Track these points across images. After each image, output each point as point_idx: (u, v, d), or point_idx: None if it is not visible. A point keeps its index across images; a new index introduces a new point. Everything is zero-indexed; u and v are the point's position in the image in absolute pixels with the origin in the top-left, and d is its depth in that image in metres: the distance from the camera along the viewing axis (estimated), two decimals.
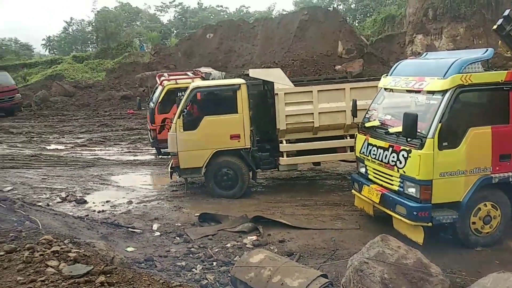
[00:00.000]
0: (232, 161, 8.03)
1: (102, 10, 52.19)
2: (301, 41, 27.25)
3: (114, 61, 33.76)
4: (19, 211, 5.89)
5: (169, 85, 11.94)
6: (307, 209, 7.32)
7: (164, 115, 11.51)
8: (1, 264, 3.41)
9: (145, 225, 6.68)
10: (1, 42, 71.46)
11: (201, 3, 69.65)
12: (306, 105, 7.95)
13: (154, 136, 11.83)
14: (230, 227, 6.44)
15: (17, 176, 10.07)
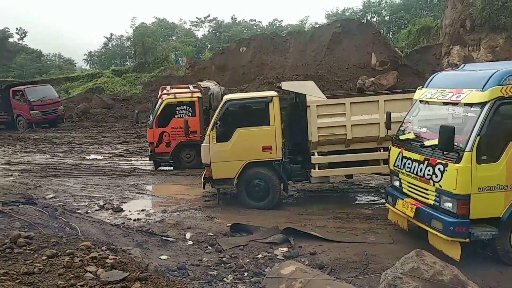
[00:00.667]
0: (263, 172, 8.08)
1: (140, 26, 54.14)
2: (333, 53, 27.17)
3: (151, 75, 34.84)
4: (60, 218, 6.16)
5: (167, 99, 12.31)
6: (339, 222, 7.24)
7: (162, 129, 12.11)
8: (43, 268, 3.55)
9: (179, 234, 6.80)
10: (46, 57, 75.54)
11: (234, 17, 70.92)
12: (339, 117, 7.92)
13: (152, 149, 12.26)
14: (262, 238, 6.46)
15: (59, 184, 10.52)
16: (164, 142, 12.17)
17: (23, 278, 3.36)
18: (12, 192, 8.65)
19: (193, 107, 12.20)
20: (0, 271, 3.41)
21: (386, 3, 51.68)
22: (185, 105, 12.23)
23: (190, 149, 12.24)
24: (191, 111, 12.20)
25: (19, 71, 61.18)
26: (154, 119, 12.23)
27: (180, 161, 12.43)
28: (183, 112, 12.22)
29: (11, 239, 4.12)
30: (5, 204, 6.45)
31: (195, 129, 11.93)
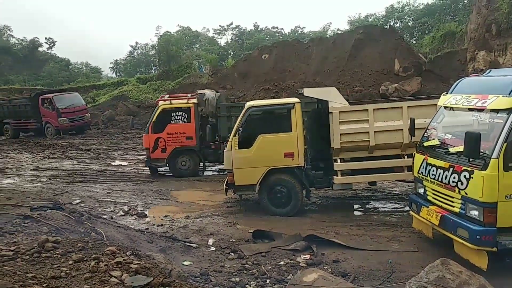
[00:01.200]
0: (286, 179, 8.07)
1: (165, 34, 55.13)
2: (356, 60, 26.97)
3: (175, 82, 35.39)
4: (86, 223, 6.31)
5: (163, 105, 12.40)
6: (362, 229, 7.15)
7: (157, 135, 12.18)
8: (70, 272, 3.63)
9: (201, 240, 6.85)
10: (74, 65, 77.84)
11: (257, 25, 71.34)
12: (362, 124, 7.85)
13: (147, 155, 12.36)
14: (284, 245, 6.44)
15: (85, 190, 10.79)
16: (159, 148, 12.24)
17: (50, 282, 3.42)
18: (40, 197, 8.92)
19: (188, 113, 12.25)
20: (28, 274, 3.49)
21: (409, 8, 50.99)
22: (181, 111, 12.31)
23: (185, 156, 12.37)
24: (187, 117, 12.27)
25: (48, 79, 63.29)
26: (149, 125, 12.38)
27: (176, 167, 12.49)
28: (178, 118, 12.30)
29: (39, 243, 4.23)
30: (34, 209, 6.66)
31: (191, 135, 12.20)
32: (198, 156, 12.46)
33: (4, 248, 4.17)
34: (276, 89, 23.11)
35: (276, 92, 22.34)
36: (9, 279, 3.30)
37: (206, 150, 12.51)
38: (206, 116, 12.61)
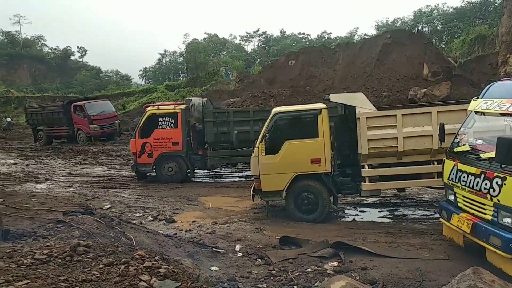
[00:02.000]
0: (312, 185, 8.03)
1: (192, 42, 56.07)
2: (384, 65, 26.62)
3: (202, 89, 35.89)
4: (116, 227, 6.44)
5: (150, 110, 12.56)
6: (391, 236, 7.01)
7: (144, 140, 12.35)
8: (100, 276, 3.70)
9: (228, 245, 6.87)
10: (104, 73, 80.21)
11: (283, 31, 71.59)
12: (390, 130, 7.73)
13: (134, 160, 12.50)
14: (311, 251, 6.39)
15: (115, 195, 11.04)
16: (146, 153, 12.38)
17: (82, 285, 3.50)
18: (72, 202, 9.18)
19: (175, 118, 12.34)
20: (61, 278, 3.57)
21: (438, 12, 49.99)
22: (168, 117, 12.42)
23: (172, 161, 12.48)
24: (174, 123, 12.37)
25: (79, 87, 65.44)
26: (136, 130, 12.56)
27: (162, 173, 12.57)
28: (165, 124, 12.42)
29: (71, 247, 4.33)
30: (66, 214, 6.86)
31: (177, 141, 12.28)
32: (185, 162, 12.56)
33: (38, 251, 4.30)
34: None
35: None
36: (42, 282, 3.39)
37: (193, 156, 12.64)
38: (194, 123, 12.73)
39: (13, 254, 4.21)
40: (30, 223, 6.32)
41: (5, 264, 3.82)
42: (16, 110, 42.68)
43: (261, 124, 11.57)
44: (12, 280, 3.35)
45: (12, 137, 29.05)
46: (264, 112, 12.35)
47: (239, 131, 11.77)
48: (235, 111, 13.04)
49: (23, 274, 3.54)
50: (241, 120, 12.29)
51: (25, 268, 3.74)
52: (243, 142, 11.96)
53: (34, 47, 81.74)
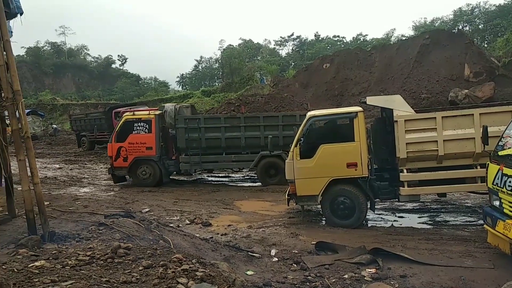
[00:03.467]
0: (349, 189, 7.89)
1: (228, 48, 56.81)
2: (422, 66, 25.85)
3: (237, 94, 36.16)
4: (154, 230, 6.59)
5: (126, 116, 13.09)
6: (432, 243, 6.76)
7: (120, 144, 12.79)
8: (140, 278, 3.79)
9: (264, 250, 6.85)
10: (143, 80, 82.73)
11: (318, 34, 71.10)
12: (429, 133, 7.47)
13: (111, 163, 12.88)
14: (348, 257, 6.26)
15: (154, 199, 11.30)
16: (121, 156, 12.78)
17: (123, 286, 3.61)
18: (113, 205, 9.51)
19: (149, 124, 12.75)
20: (103, 279, 3.70)
21: (479, 10, 48.00)
22: (142, 122, 12.84)
23: (145, 165, 12.86)
24: (148, 128, 12.77)
25: (120, 94, 67.79)
26: (113, 135, 13.03)
27: (137, 176, 12.94)
28: (140, 129, 12.82)
29: (112, 249, 4.49)
30: (107, 217, 7.10)
31: (151, 145, 12.66)
32: (158, 166, 12.88)
33: (81, 253, 4.47)
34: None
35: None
36: (86, 282, 3.53)
37: (167, 161, 12.99)
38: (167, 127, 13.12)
39: (58, 255, 4.40)
40: (74, 225, 6.60)
41: (51, 264, 3.99)
42: (61, 117, 44.75)
43: (232, 130, 12.45)
44: (58, 280, 3.50)
45: (58, 143, 30.42)
46: (234, 119, 12.90)
47: (209, 138, 12.51)
48: (206, 118, 13.38)
49: (68, 274, 3.68)
50: (212, 126, 12.61)
51: (69, 269, 3.88)
52: (213, 149, 12.62)
53: (78, 57, 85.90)
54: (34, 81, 73.98)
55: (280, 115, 12.92)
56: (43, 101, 48.52)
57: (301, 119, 11.65)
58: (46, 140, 31.48)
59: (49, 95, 54.38)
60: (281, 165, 11.82)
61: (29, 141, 5.83)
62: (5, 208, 7.29)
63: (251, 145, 12.55)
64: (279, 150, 12.17)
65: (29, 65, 74.08)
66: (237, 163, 12.94)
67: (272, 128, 12.34)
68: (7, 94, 5.69)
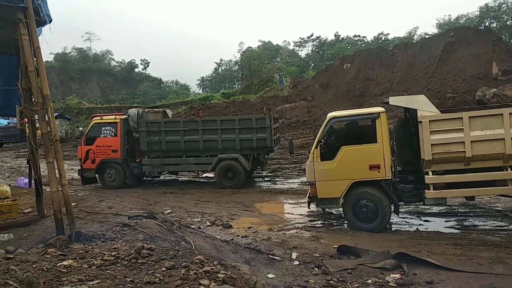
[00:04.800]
0: (371, 192, 7.73)
1: (247, 50, 57.02)
2: (447, 65, 25.24)
3: (257, 96, 36.19)
4: (176, 232, 6.65)
5: (95, 120, 13.72)
6: (460, 249, 6.55)
7: (88, 147, 13.45)
8: (163, 278, 3.80)
9: (284, 253, 6.79)
10: (165, 84, 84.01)
11: (338, 34, 70.50)
12: (456, 133, 7.23)
13: (80, 165, 13.53)
14: (371, 262, 6.12)
15: (175, 200, 11.39)
16: (90, 159, 13.40)
17: (146, 287, 3.62)
18: (136, 207, 9.63)
19: (115, 128, 13.39)
20: (127, 279, 3.73)
21: (507, 6, 46.57)
22: (109, 126, 13.44)
23: (111, 168, 13.43)
24: (114, 132, 13.39)
25: (143, 97, 69.00)
26: (82, 138, 13.86)
27: (104, 179, 13.44)
28: (107, 132, 13.47)
29: (136, 250, 4.53)
30: (131, 218, 7.22)
31: (116, 148, 13.21)
32: (123, 169, 13.40)
33: (107, 253, 4.54)
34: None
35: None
36: (111, 282, 3.57)
37: (132, 164, 13.52)
38: (132, 131, 13.61)
39: (85, 255, 4.49)
40: (99, 226, 6.74)
41: (78, 264, 4.07)
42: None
43: (191, 134, 12.83)
44: (85, 280, 3.56)
45: None
46: (193, 122, 13.37)
47: (169, 141, 12.95)
48: (166, 121, 13.71)
49: (94, 274, 3.74)
50: (171, 130, 13.03)
51: (95, 269, 3.95)
52: (174, 151, 13.05)
53: (103, 61, 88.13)
54: (62, 86, 76.29)
55: (237, 119, 13.22)
56: (70, 105, 49.85)
57: (257, 122, 12.49)
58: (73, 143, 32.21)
59: (75, 99, 55.85)
60: (238, 168, 12.66)
61: (58, 144, 6.02)
62: (34, 208, 7.52)
63: (209, 148, 12.93)
64: (236, 153, 12.62)
65: (57, 71, 76.53)
66: (196, 165, 13.32)
67: (229, 131, 12.67)
68: (37, 99, 5.87)
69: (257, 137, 12.45)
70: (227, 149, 12.71)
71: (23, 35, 5.71)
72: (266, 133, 12.39)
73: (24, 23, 5.69)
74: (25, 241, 5.93)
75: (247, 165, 12.63)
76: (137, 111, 13.55)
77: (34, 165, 6.54)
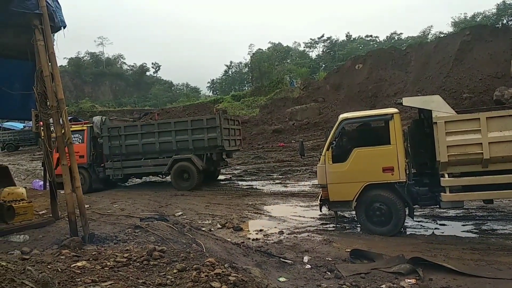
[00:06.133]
0: (385, 195, 7.57)
1: (257, 52, 57.10)
2: (463, 64, 24.84)
3: (267, 98, 36.18)
4: (187, 234, 6.61)
5: None
6: (478, 253, 6.35)
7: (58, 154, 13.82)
8: (174, 281, 3.77)
9: (296, 256, 6.69)
10: (176, 87, 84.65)
11: (349, 34, 70.14)
12: (473, 134, 7.04)
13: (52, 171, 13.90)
14: (385, 266, 5.98)
15: (186, 202, 11.38)
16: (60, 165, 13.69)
17: None
18: (148, 209, 9.64)
19: (82, 134, 14.25)
20: (139, 280, 3.73)
21: None
22: (77, 133, 14.06)
23: (78, 173, 13.42)
24: (81, 138, 14.18)
25: (154, 100, 69.67)
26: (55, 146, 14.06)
27: None
28: (75, 139, 13.74)
29: (147, 252, 4.53)
30: (142, 219, 7.22)
31: (83, 154, 13.94)
32: (89, 173, 14.18)
33: (119, 255, 4.55)
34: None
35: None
36: (124, 283, 3.57)
37: (97, 168, 14.28)
38: (96, 137, 14.31)
39: (98, 256, 4.51)
40: (112, 227, 6.77)
41: (91, 265, 4.09)
42: None
43: (148, 137, 13.52)
44: (98, 281, 3.58)
45: None
46: (149, 125, 14.16)
47: (128, 144, 13.61)
48: (126, 126, 14.32)
49: (107, 275, 3.75)
50: (130, 134, 13.73)
51: (108, 270, 3.95)
52: (133, 155, 13.70)
53: (115, 65, 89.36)
54: (75, 90, 77.67)
55: (189, 120, 13.83)
56: (83, 109, 50.55)
57: (208, 123, 12.99)
58: None
59: (88, 102, 56.68)
60: (192, 168, 13.21)
61: (72, 147, 6.16)
62: (49, 210, 7.59)
63: (165, 150, 13.56)
64: (190, 153, 13.22)
65: (70, 75, 78.05)
66: (154, 167, 13.88)
67: (182, 132, 13.31)
68: (52, 103, 5.97)
69: (209, 136, 13.01)
70: (181, 150, 13.36)
71: (39, 41, 5.80)
72: (217, 133, 12.92)
73: (40, 29, 5.77)
74: (40, 242, 5.99)
75: (200, 164, 13.13)
76: (101, 118, 14.42)
77: (48, 167, 6.64)
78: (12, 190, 7.59)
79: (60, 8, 6.23)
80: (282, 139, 24.67)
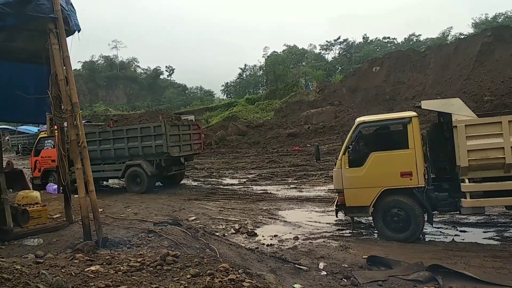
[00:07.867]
0: (403, 201, 7.40)
1: (272, 54, 57.08)
2: (484, 66, 24.30)
3: (282, 101, 36.06)
4: (201, 239, 6.57)
5: (41, 134, 15.91)
6: (500, 261, 6.15)
7: (35, 158, 15.55)
8: (188, 286, 3.72)
9: (311, 262, 6.58)
10: (190, 90, 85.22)
11: (366, 36, 69.56)
12: (495, 139, 6.84)
13: (31, 173, 15.49)
14: (403, 274, 5.83)
15: (200, 207, 11.35)
16: (37, 168, 15.42)
17: None
18: (161, 213, 9.63)
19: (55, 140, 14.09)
20: (153, 285, 3.69)
21: None
22: (50, 139, 14.73)
23: (51, 176, 14.92)
24: (54, 144, 14.36)
25: (168, 103, 70.25)
26: (33, 150, 15.89)
27: None
28: (49, 145, 15.29)
29: (161, 256, 4.51)
30: (156, 224, 7.21)
31: (54, 159, 14.08)
32: None
33: (132, 259, 4.54)
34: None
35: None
36: None
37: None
38: None
39: (111, 260, 4.50)
40: (125, 232, 6.77)
41: (105, 269, 4.09)
42: None
43: (105, 143, 14.40)
44: (111, 285, 3.56)
45: None
46: (105, 132, 14.74)
47: (89, 150, 13.22)
48: (100, 132, 14.92)
49: (120, 280, 3.73)
50: (90, 140, 13.74)
51: (122, 274, 3.93)
52: (93, 160, 13.46)
53: (129, 69, 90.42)
54: (89, 93, 78.82)
55: (139, 127, 14.54)
56: (97, 112, 51.29)
57: (155, 130, 13.66)
58: None
59: (102, 106, 57.49)
60: (142, 173, 13.92)
61: (85, 151, 6.17)
62: (63, 214, 7.64)
63: (120, 156, 14.30)
64: (140, 159, 13.89)
65: (85, 79, 79.18)
66: (111, 172, 14.62)
67: (133, 139, 13.99)
68: (67, 107, 5.99)
69: (156, 143, 13.58)
70: (133, 156, 14.06)
71: (54, 45, 5.83)
72: (163, 140, 13.42)
73: (55, 33, 5.81)
74: (54, 246, 6.00)
75: (150, 170, 13.75)
76: None
77: (63, 171, 6.67)
78: (26, 194, 7.66)
79: (74, 12, 6.26)
80: (297, 143, 24.52)
